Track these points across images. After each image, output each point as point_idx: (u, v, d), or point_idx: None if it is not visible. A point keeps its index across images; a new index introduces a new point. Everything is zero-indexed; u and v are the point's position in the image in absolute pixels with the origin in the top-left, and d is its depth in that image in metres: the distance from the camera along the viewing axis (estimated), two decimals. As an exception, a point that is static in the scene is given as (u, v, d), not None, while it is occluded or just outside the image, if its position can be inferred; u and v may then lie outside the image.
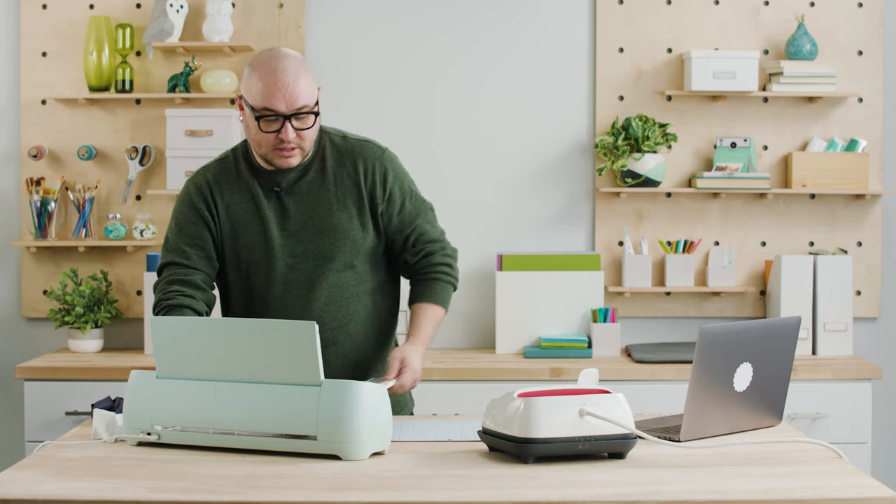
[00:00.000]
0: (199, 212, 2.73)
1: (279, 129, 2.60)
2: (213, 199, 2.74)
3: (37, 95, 4.26)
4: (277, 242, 2.71)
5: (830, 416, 3.91)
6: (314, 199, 2.72)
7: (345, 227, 2.72)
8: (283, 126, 2.60)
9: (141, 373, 2.39)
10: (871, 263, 4.32)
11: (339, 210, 2.72)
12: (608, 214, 4.29)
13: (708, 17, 4.30)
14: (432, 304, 2.80)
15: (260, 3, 4.27)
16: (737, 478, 2.11)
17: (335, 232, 2.71)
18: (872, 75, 4.29)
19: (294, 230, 2.71)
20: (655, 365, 3.89)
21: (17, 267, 4.31)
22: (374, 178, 2.74)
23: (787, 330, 2.53)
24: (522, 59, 4.32)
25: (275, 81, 2.58)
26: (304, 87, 2.60)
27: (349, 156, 2.75)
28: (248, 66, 2.66)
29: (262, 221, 2.72)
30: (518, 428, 2.20)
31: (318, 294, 2.72)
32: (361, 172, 2.74)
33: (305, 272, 2.72)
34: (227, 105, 4.24)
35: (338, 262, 2.72)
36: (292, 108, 2.59)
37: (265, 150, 2.65)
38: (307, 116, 2.62)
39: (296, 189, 2.72)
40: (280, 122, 2.60)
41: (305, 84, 2.60)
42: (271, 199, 2.72)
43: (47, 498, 1.99)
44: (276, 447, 2.27)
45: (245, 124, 2.67)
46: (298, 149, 2.65)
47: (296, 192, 2.72)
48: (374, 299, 2.80)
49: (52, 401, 3.85)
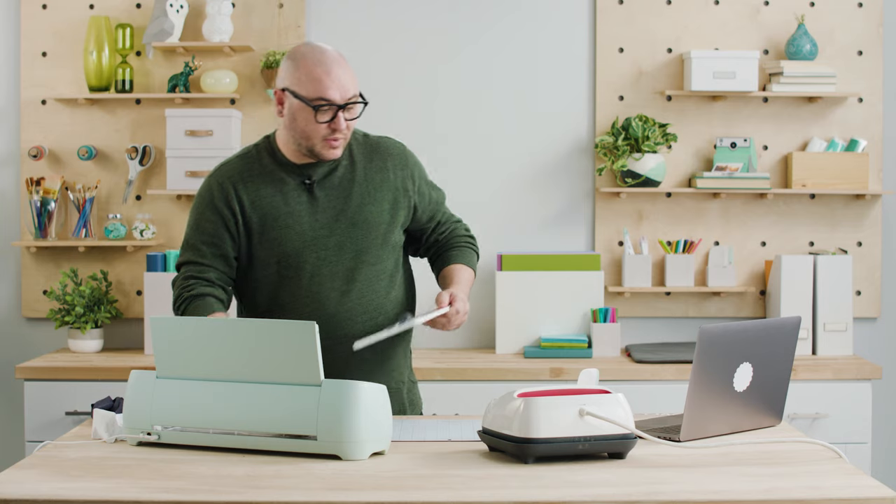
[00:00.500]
0: (219, 210, 2.72)
1: (331, 118, 2.65)
2: (236, 196, 2.72)
3: (37, 95, 4.26)
4: (309, 235, 2.72)
5: (830, 416, 3.91)
6: (346, 193, 2.75)
7: (377, 220, 2.76)
8: (336, 116, 2.65)
9: (141, 373, 2.39)
10: (871, 263, 4.32)
11: (371, 203, 2.76)
12: (608, 214, 4.29)
13: (708, 17, 4.30)
14: (463, 265, 2.88)
15: (260, 3, 4.27)
16: (737, 478, 2.11)
17: (368, 225, 2.75)
18: (872, 75, 4.29)
19: (326, 222, 2.73)
20: (655, 365, 3.89)
21: (17, 267, 4.31)
22: (404, 173, 2.82)
23: (787, 330, 2.53)
24: (522, 59, 4.32)
25: (328, 72, 2.64)
26: (352, 77, 2.68)
27: (376, 152, 2.81)
28: (289, 60, 2.68)
29: (292, 214, 2.72)
30: (518, 428, 2.20)
31: (351, 286, 2.74)
32: (391, 168, 2.80)
33: (337, 264, 2.74)
34: (227, 105, 4.24)
35: (370, 254, 2.76)
36: (345, 98, 2.65)
37: (315, 142, 2.68)
38: (355, 106, 2.69)
39: (326, 182, 2.75)
40: (333, 112, 2.64)
41: (353, 75, 2.69)
42: (301, 192, 2.74)
43: (47, 498, 1.99)
44: (276, 447, 2.27)
45: (291, 116, 2.67)
46: (344, 139, 2.70)
47: (326, 185, 2.75)
48: (399, 292, 2.85)
49: (52, 401, 3.85)
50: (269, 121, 4.26)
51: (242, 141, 4.26)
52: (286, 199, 2.72)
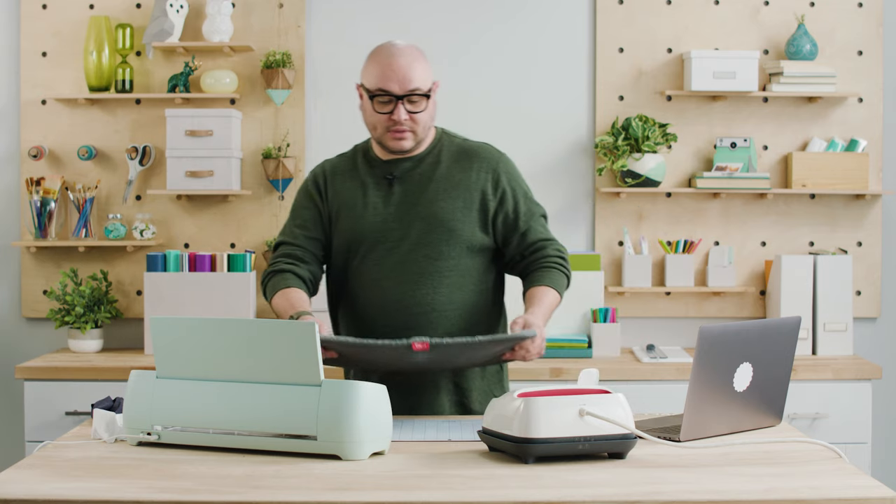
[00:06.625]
0: (312, 198, 2.90)
1: (392, 110, 2.73)
2: (325, 185, 2.89)
3: (37, 95, 4.26)
4: (379, 227, 2.81)
5: (830, 416, 3.91)
6: (422, 189, 2.82)
7: (447, 216, 2.80)
8: (396, 107, 2.73)
9: (141, 373, 2.39)
10: (871, 263, 4.32)
11: (443, 201, 2.81)
12: (608, 214, 4.29)
13: (708, 17, 4.30)
14: (548, 287, 2.81)
15: (260, 3, 4.27)
16: (737, 478, 2.11)
17: (436, 220, 2.80)
18: (872, 75, 4.29)
19: (396, 216, 2.81)
20: (655, 365, 3.89)
21: (17, 267, 4.31)
22: (487, 177, 2.85)
23: (786, 330, 2.53)
24: (522, 59, 4.32)
25: (389, 63, 2.73)
26: (418, 70, 2.73)
27: (465, 155, 2.87)
28: (368, 55, 2.81)
29: (365, 206, 2.83)
30: (518, 428, 2.20)
31: (411, 279, 2.79)
32: (475, 171, 2.85)
33: (399, 256, 2.80)
34: (227, 105, 4.24)
35: (432, 249, 2.79)
36: (405, 90, 2.72)
37: (380, 133, 2.78)
38: (420, 100, 2.75)
39: (407, 178, 2.84)
40: (393, 103, 2.73)
41: (420, 69, 2.74)
42: (381, 187, 2.84)
43: (47, 498, 1.99)
44: (276, 447, 2.27)
45: (363, 110, 2.81)
46: (411, 132, 2.77)
47: (406, 180, 2.84)
48: (471, 297, 2.84)
49: (52, 401, 3.85)
50: (269, 121, 4.26)
51: (242, 141, 4.26)
52: (365, 192, 2.84)
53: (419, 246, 2.80)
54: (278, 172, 4.20)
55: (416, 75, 2.72)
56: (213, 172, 4.12)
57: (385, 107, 2.74)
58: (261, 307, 4.25)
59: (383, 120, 2.76)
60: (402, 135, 2.76)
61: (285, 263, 2.86)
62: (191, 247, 4.29)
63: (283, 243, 2.91)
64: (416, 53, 2.76)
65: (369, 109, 2.77)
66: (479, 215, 2.83)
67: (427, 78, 2.75)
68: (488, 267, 2.88)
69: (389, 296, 2.80)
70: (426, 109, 2.77)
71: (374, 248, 2.82)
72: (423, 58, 2.77)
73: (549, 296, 2.79)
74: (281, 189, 4.22)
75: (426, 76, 2.75)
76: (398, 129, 2.75)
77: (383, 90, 2.73)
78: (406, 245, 2.80)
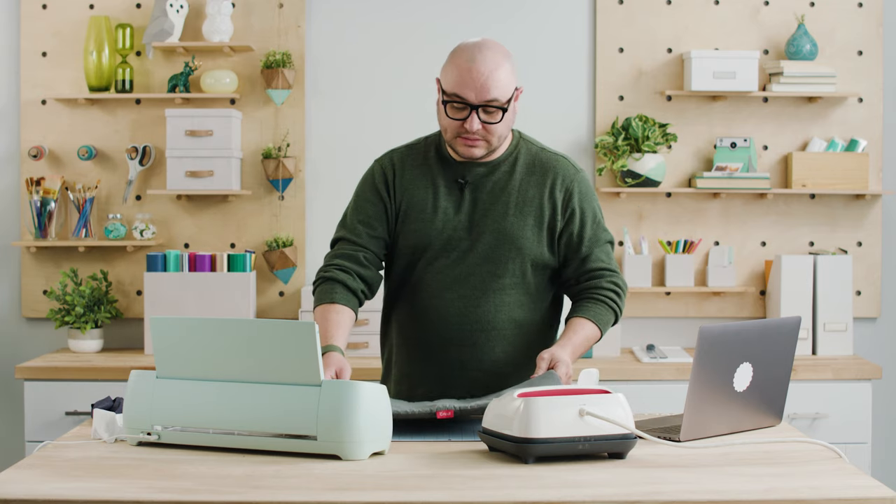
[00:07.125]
0: (378, 192, 2.74)
1: (465, 118, 2.59)
2: (393, 181, 2.73)
3: (37, 95, 4.26)
4: (446, 234, 2.70)
5: (830, 416, 3.91)
6: (494, 200, 2.70)
7: (516, 233, 2.68)
8: (470, 116, 2.58)
9: (141, 373, 2.39)
10: (871, 263, 4.32)
11: (515, 215, 2.69)
12: (608, 214, 4.29)
13: (708, 17, 4.30)
14: (588, 320, 2.68)
15: (260, 3, 4.27)
16: (737, 478, 2.11)
17: (504, 235, 2.68)
18: (872, 75, 4.29)
19: (465, 225, 2.70)
20: (655, 365, 3.89)
21: (17, 267, 4.31)
22: (560, 193, 2.71)
23: (786, 330, 2.53)
24: (522, 59, 4.30)
25: (469, 69, 2.56)
26: (498, 80, 2.56)
27: (541, 166, 2.72)
28: (452, 51, 2.64)
29: (435, 210, 2.70)
30: (518, 428, 2.19)
31: (472, 293, 2.70)
32: (548, 184, 2.71)
33: (464, 269, 2.70)
34: (227, 105, 4.24)
35: (497, 264, 2.69)
36: (482, 99, 2.57)
37: (450, 136, 2.64)
38: (496, 111, 2.59)
39: (479, 185, 2.70)
40: (467, 110, 2.59)
41: (501, 78, 2.57)
42: (453, 190, 2.71)
43: (47, 498, 1.99)
44: (276, 447, 2.27)
45: (438, 107, 2.65)
46: (484, 141, 2.62)
47: (479, 188, 2.70)
48: (529, 313, 2.75)
49: (52, 401, 3.85)
50: (269, 121, 4.26)
51: (242, 141, 4.26)
52: (436, 194, 2.71)
53: (486, 261, 2.68)
54: (278, 172, 4.20)
55: (496, 85, 2.55)
56: (213, 172, 4.12)
57: (459, 113, 2.59)
58: (261, 307, 4.26)
59: (456, 126, 2.60)
60: (474, 143, 2.62)
61: (338, 270, 2.71)
62: (191, 247, 4.29)
63: (343, 240, 2.75)
64: (498, 59, 2.58)
65: (443, 111, 2.61)
66: (548, 233, 2.70)
67: (508, 87, 2.58)
68: (549, 285, 2.77)
69: (450, 309, 2.70)
70: (502, 121, 2.60)
71: (440, 256, 2.70)
72: (507, 63, 2.59)
73: (586, 329, 2.67)
74: (281, 189, 4.22)
75: (507, 85, 2.58)
76: (469, 136, 2.61)
77: (459, 96, 2.57)
78: (472, 258, 2.69)
